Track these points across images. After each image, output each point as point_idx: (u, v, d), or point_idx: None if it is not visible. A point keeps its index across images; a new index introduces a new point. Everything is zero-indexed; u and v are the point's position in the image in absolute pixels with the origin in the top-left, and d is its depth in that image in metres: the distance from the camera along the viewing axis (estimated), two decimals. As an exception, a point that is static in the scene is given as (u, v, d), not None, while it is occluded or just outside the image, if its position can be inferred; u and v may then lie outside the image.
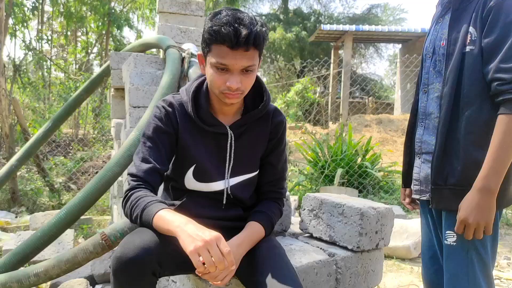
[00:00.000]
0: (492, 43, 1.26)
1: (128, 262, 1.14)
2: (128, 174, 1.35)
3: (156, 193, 1.35)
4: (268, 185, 1.52)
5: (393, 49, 25.58)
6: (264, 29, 1.25)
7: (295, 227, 2.09)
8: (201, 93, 1.39)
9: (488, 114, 1.29)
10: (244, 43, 1.19)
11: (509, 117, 1.23)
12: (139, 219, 1.24)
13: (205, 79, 1.39)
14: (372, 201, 1.92)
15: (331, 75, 15.74)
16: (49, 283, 2.36)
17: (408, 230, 3.16)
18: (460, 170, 1.33)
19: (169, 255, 1.20)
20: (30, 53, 10.36)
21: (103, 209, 4.44)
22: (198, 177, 1.43)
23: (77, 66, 12.93)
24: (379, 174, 5.02)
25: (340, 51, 16.37)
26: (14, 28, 9.58)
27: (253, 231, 1.38)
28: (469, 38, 1.32)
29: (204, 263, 1.08)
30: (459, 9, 1.37)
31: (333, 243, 1.84)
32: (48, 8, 12.15)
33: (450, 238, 1.36)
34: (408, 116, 1.62)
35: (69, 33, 12.30)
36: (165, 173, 1.41)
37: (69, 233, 2.84)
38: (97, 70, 14.18)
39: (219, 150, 1.42)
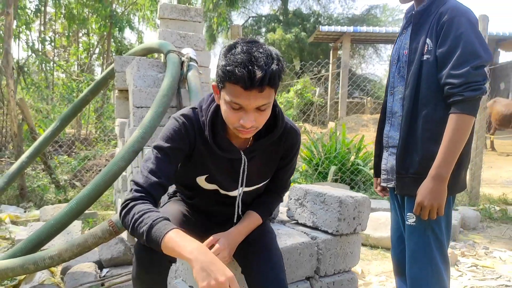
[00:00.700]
0: (445, 53, 1.48)
1: (150, 250, 1.26)
2: (133, 181, 1.34)
3: (157, 206, 1.34)
4: (273, 187, 1.64)
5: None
6: (280, 66, 1.22)
7: (283, 215, 2.30)
8: (218, 117, 1.37)
9: (442, 113, 1.51)
10: (258, 85, 1.17)
11: (458, 116, 1.45)
12: (145, 236, 1.19)
13: None
14: (351, 191, 2.14)
15: (329, 75, 15.95)
16: (60, 268, 2.58)
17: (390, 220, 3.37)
18: (418, 161, 1.55)
19: None
20: (33, 54, 10.57)
21: (107, 205, 4.66)
22: (210, 181, 1.49)
23: (79, 67, 13.14)
24: (371, 172, 5.23)
25: (339, 52, 16.58)
26: (18, 30, 9.79)
27: (251, 220, 1.53)
28: (426, 48, 1.54)
29: None
30: (418, 23, 1.59)
31: (315, 228, 2.06)
32: (49, 9, 12.36)
33: (411, 219, 1.58)
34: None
35: (70, 34, 12.49)
36: (170, 184, 1.41)
37: (77, 224, 3.06)
38: (98, 71, 14.42)
39: (233, 171, 1.46)
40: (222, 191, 1.52)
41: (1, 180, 3.41)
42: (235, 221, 1.56)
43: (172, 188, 1.71)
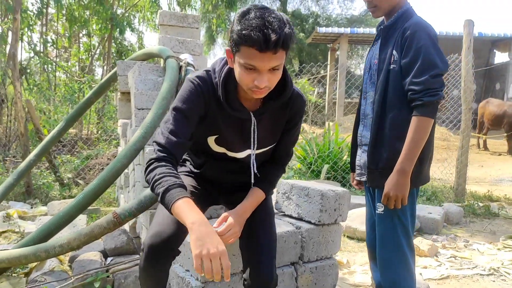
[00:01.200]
0: (408, 63, 1.69)
1: (157, 251, 1.44)
2: (155, 142, 1.46)
3: (177, 165, 1.50)
4: (278, 154, 1.75)
5: (390, 50, 25.96)
6: (292, 29, 1.30)
7: (272, 208, 2.52)
8: (230, 78, 1.47)
9: (406, 116, 1.72)
10: (273, 47, 1.26)
11: (419, 118, 1.66)
12: (160, 198, 1.35)
13: None
14: (333, 186, 2.36)
15: (328, 76, 16.18)
16: (67, 257, 2.80)
17: (378, 216, 3.59)
18: (386, 157, 1.76)
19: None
20: (35, 56, 10.78)
21: (109, 201, 4.87)
22: (219, 143, 1.60)
23: (79, 68, 13.35)
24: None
25: (337, 52, 16.79)
26: (20, 32, 10.00)
27: (255, 198, 1.64)
28: (392, 58, 1.75)
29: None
30: (386, 37, 1.80)
31: (300, 219, 2.28)
32: (51, 10, 12.53)
33: (380, 209, 1.80)
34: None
35: (71, 35, 12.69)
36: (189, 144, 1.53)
37: (82, 218, 3.27)
38: (99, 71, 14.61)
39: (242, 132, 1.57)
40: (230, 154, 1.63)
41: (11, 177, 3.63)
42: (252, 181, 1.65)
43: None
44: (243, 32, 1.26)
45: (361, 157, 1.92)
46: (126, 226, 2.97)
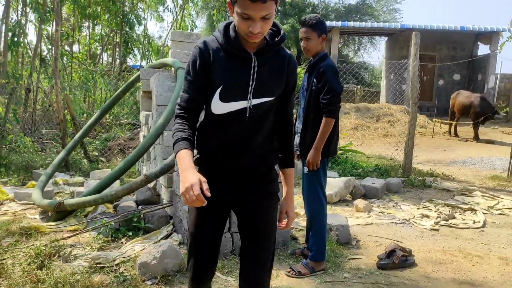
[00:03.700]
0: (320, 87, 2.95)
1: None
2: (177, 103, 1.72)
3: (194, 116, 1.68)
4: (285, 113, 1.81)
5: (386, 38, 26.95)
6: None
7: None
8: (230, 27, 1.68)
9: (319, 117, 2.98)
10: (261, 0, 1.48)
11: (326, 119, 2.92)
12: (173, 148, 1.60)
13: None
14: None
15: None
16: (112, 205, 4.11)
17: (331, 183, 4.91)
18: (309, 140, 3.04)
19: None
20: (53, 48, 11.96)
21: (129, 174, 6.19)
22: (223, 97, 1.67)
23: (89, 56, 14.54)
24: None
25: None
26: (40, 28, 11.17)
27: (291, 178, 1.84)
28: (313, 83, 3.01)
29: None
30: (311, 70, 3.06)
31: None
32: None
33: (305, 170, 3.09)
34: (389, 105, 3.43)
35: (80, 25, 13.81)
36: (201, 99, 1.69)
37: (117, 182, 4.58)
38: (103, 56, 15.77)
39: (244, 73, 1.66)
40: (234, 106, 1.67)
41: (62, 153, 4.94)
42: (247, 115, 1.68)
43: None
44: None
45: (296, 140, 3.20)
46: (150, 185, 4.27)
